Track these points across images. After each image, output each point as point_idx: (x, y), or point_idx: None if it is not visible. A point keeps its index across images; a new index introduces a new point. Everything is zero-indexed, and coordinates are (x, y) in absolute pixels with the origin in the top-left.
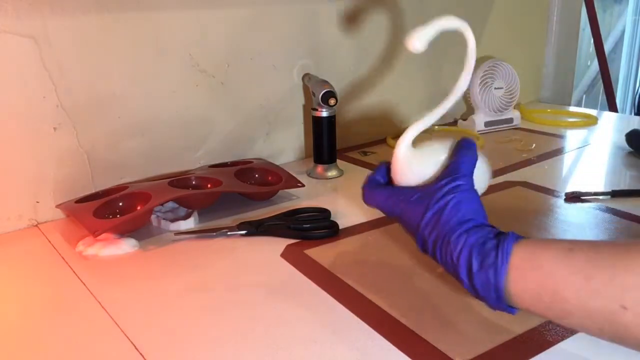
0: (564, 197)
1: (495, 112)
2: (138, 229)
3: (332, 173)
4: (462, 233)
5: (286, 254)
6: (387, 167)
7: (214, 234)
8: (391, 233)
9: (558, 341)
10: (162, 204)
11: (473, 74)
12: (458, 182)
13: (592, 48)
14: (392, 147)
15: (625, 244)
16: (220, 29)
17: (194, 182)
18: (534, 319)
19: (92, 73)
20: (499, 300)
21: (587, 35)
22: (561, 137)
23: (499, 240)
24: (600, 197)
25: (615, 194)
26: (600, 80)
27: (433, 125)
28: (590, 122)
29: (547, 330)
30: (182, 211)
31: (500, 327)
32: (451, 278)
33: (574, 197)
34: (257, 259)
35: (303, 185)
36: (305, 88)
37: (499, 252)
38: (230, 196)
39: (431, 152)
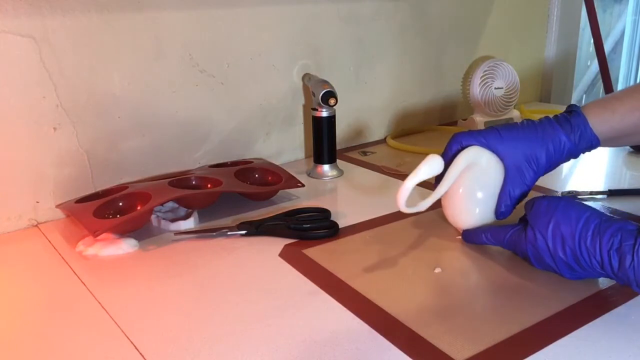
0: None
1: (495, 112)
2: (138, 229)
3: (332, 173)
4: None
5: (284, 254)
6: None
7: (214, 234)
8: (391, 233)
9: (557, 339)
10: (162, 204)
11: (473, 74)
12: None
13: (592, 48)
14: (392, 147)
15: None
16: (220, 29)
17: (194, 182)
18: (533, 317)
19: (92, 73)
20: None
21: (587, 35)
22: None
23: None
24: (597, 197)
25: (612, 194)
26: (600, 80)
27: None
28: None
29: (546, 328)
30: (182, 211)
31: (500, 325)
32: (450, 278)
33: (571, 197)
34: (257, 259)
35: (303, 185)
36: (305, 88)
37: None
38: (230, 196)
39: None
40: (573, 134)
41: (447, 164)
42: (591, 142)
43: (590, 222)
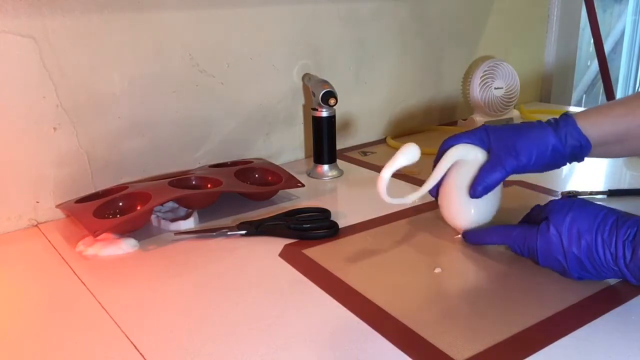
0: (559, 196)
1: (495, 112)
2: (138, 229)
3: (332, 173)
4: None
5: (284, 254)
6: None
7: (214, 234)
8: (391, 233)
9: (557, 339)
10: (162, 204)
11: (473, 74)
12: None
13: (592, 48)
14: (392, 147)
15: None
16: (220, 29)
17: (194, 182)
18: (533, 317)
19: (92, 73)
20: None
21: (587, 35)
22: None
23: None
24: (597, 197)
25: (611, 194)
26: (600, 80)
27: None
28: None
29: (546, 328)
30: (182, 211)
31: (500, 325)
32: (450, 278)
33: (570, 197)
34: (257, 259)
35: (303, 185)
36: (305, 88)
37: None
38: (230, 196)
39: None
40: (559, 130)
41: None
42: (580, 142)
43: (608, 218)
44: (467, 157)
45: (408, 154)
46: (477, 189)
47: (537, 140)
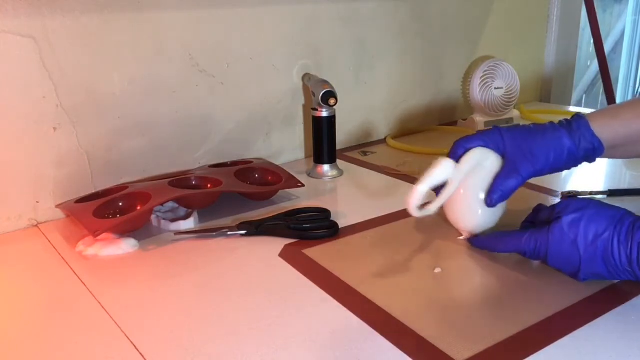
0: (560, 196)
1: (495, 112)
2: (138, 229)
3: (332, 173)
4: None
5: (284, 254)
6: None
7: (214, 234)
8: (391, 233)
9: (557, 339)
10: (162, 204)
11: (473, 74)
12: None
13: (592, 48)
14: (392, 147)
15: None
16: (220, 29)
17: (194, 182)
18: (533, 317)
19: (92, 73)
20: None
21: (587, 35)
22: None
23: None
24: (597, 197)
25: (612, 194)
26: (600, 80)
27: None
28: None
29: (546, 328)
30: (182, 211)
31: (500, 325)
32: (450, 278)
33: (571, 197)
34: (257, 259)
35: (303, 185)
36: (305, 88)
37: None
38: (230, 196)
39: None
40: (573, 133)
41: None
42: (593, 144)
43: (625, 219)
44: (484, 163)
45: (444, 169)
46: (493, 198)
47: (553, 144)
